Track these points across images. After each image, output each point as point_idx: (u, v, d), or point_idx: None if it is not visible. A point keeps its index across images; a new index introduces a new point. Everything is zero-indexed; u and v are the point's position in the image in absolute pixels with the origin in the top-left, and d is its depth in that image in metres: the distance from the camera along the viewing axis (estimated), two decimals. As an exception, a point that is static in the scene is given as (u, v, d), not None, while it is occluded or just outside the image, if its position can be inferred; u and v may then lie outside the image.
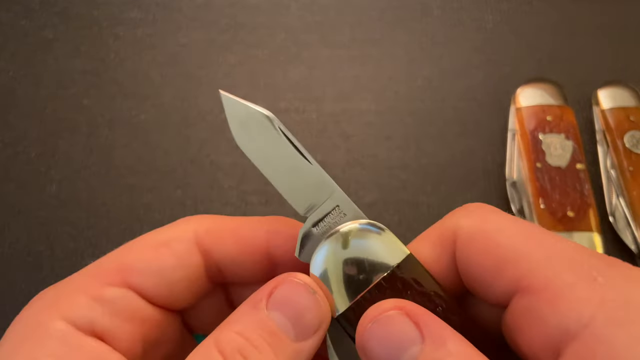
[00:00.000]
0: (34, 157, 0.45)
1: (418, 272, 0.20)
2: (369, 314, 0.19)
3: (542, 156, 0.42)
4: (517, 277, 0.18)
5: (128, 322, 0.20)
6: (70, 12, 0.52)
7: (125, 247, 0.22)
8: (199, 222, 0.22)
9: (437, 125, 0.47)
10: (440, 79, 0.49)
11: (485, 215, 0.20)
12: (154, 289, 0.21)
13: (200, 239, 0.22)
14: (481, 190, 0.44)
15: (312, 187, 0.21)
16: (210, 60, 0.50)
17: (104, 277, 0.20)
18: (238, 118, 0.21)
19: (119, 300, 0.20)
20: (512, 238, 0.19)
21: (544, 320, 0.17)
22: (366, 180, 0.44)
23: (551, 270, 0.17)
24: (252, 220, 0.23)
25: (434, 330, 0.18)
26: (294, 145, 0.21)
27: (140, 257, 0.21)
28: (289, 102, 0.47)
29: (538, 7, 0.53)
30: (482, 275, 0.19)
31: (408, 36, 0.51)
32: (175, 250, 0.21)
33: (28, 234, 0.42)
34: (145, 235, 0.22)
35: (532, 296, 0.18)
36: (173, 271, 0.21)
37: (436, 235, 0.21)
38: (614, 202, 0.42)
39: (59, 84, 0.48)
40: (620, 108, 0.45)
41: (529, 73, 0.49)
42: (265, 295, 0.20)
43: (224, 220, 0.23)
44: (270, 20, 0.52)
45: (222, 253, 0.22)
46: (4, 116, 0.47)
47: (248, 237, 0.22)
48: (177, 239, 0.22)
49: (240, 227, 0.22)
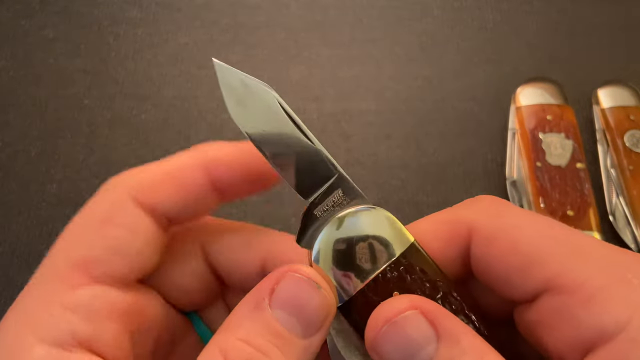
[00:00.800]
0: (34, 156, 0.45)
1: (422, 259, 0.20)
2: (382, 315, 0.19)
3: (542, 155, 0.42)
4: (546, 278, 0.18)
5: (108, 320, 0.19)
6: (70, 12, 0.52)
7: (70, 237, 0.20)
8: (126, 182, 0.21)
9: (437, 124, 0.47)
10: (440, 78, 0.49)
11: (501, 211, 0.20)
12: (120, 271, 0.20)
13: (137, 198, 0.20)
14: (481, 189, 0.44)
15: (314, 169, 0.20)
16: (210, 60, 0.49)
17: (68, 280, 0.19)
18: (234, 89, 0.20)
19: (93, 301, 0.19)
20: (536, 236, 0.19)
21: (577, 321, 0.17)
22: (366, 179, 0.44)
23: (583, 271, 0.17)
24: (181, 157, 0.21)
25: (448, 328, 0.18)
26: (295, 122, 0.20)
27: (92, 245, 0.20)
28: (289, 101, 0.47)
29: (538, 7, 0.53)
30: (505, 274, 0.19)
31: (408, 36, 0.51)
32: (121, 222, 0.20)
33: (28, 233, 0.42)
34: (82, 217, 0.20)
35: (564, 296, 0.18)
36: (129, 244, 0.20)
37: (445, 227, 0.21)
38: (614, 201, 0.42)
39: (59, 83, 0.48)
40: (620, 107, 0.45)
41: (529, 72, 0.49)
42: (267, 293, 0.19)
43: (152, 170, 0.21)
44: (270, 20, 0.52)
45: (165, 202, 0.21)
46: (4, 115, 0.47)
47: (184, 176, 0.21)
48: (116, 209, 0.20)
49: (172, 169, 0.21)
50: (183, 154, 0.21)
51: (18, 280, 0.40)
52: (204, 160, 0.21)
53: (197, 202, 0.21)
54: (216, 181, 0.21)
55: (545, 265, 0.18)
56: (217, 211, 0.24)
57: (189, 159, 0.21)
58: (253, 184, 0.22)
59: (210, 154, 0.21)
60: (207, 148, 0.21)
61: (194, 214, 0.22)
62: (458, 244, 0.20)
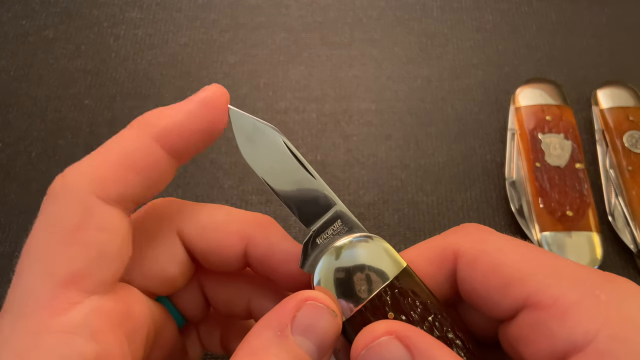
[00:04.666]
0: (34, 156, 0.45)
1: (414, 283, 0.21)
2: (361, 341, 0.20)
3: (541, 156, 0.42)
4: (524, 295, 0.20)
5: (110, 332, 0.19)
6: (71, 12, 0.52)
7: (43, 254, 0.19)
8: (82, 180, 0.19)
9: (436, 125, 0.47)
10: (440, 79, 0.49)
11: (484, 237, 0.22)
12: (108, 275, 0.19)
13: (102, 194, 0.19)
14: (480, 189, 0.44)
15: (315, 201, 0.22)
16: (210, 60, 0.50)
17: (57, 303, 0.18)
18: (245, 132, 0.22)
19: (90, 317, 0.18)
20: (515, 258, 0.20)
21: (552, 334, 0.19)
22: (366, 179, 0.44)
23: (557, 288, 0.19)
24: (128, 137, 0.21)
25: (423, 350, 0.19)
26: (299, 160, 0.22)
27: (73, 257, 0.18)
28: (289, 101, 0.48)
29: (538, 7, 0.53)
30: (487, 293, 0.21)
31: (408, 36, 0.51)
32: (95, 224, 0.19)
33: (28, 233, 0.42)
34: (46, 228, 0.19)
35: (540, 312, 0.19)
36: (110, 245, 0.19)
37: (434, 252, 0.22)
38: (613, 202, 0.42)
39: (60, 83, 0.48)
40: (619, 108, 0.45)
41: (529, 73, 0.49)
42: (289, 320, 0.20)
43: (104, 160, 0.20)
44: (270, 20, 0.52)
45: (130, 189, 0.20)
46: (5, 116, 0.47)
47: (141, 157, 0.20)
48: (86, 212, 0.19)
49: (126, 153, 0.20)
50: (127, 133, 0.21)
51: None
52: (154, 133, 0.20)
53: (160, 177, 0.21)
54: (171, 150, 0.21)
55: (524, 284, 0.20)
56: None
57: (136, 137, 0.20)
58: (206, 139, 0.22)
59: (157, 124, 0.20)
60: (151, 120, 0.21)
61: (159, 188, 0.21)
62: (446, 267, 0.22)
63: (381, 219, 0.43)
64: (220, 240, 0.23)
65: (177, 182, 0.44)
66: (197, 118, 0.21)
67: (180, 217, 0.23)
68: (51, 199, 0.20)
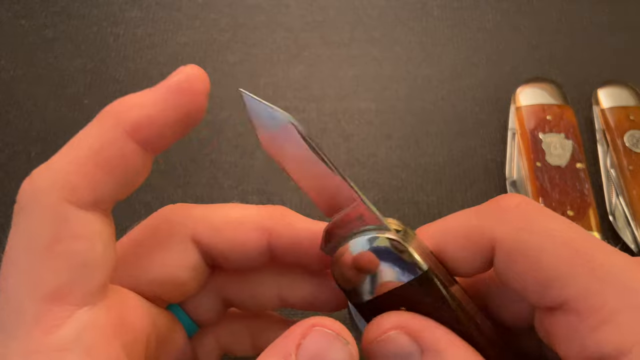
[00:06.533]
0: (34, 156, 0.45)
1: (434, 284, 0.21)
2: (370, 334, 0.20)
3: (542, 155, 0.42)
4: (562, 300, 0.19)
5: (105, 345, 0.18)
6: (70, 11, 0.52)
7: (22, 269, 0.17)
8: (51, 186, 0.18)
9: (437, 124, 0.47)
10: (440, 78, 0.49)
11: (524, 224, 0.20)
12: (95, 284, 0.18)
13: (74, 199, 0.18)
14: (481, 189, 0.44)
15: (336, 193, 0.21)
16: (210, 60, 0.50)
17: (46, 320, 0.17)
18: (261, 119, 0.20)
19: (83, 332, 0.17)
20: (557, 256, 0.19)
21: (583, 343, 0.18)
22: (366, 179, 0.44)
23: (598, 298, 0.18)
24: (96, 131, 0.19)
25: (432, 342, 0.19)
26: (317, 152, 0.21)
27: (55, 270, 0.17)
28: (289, 101, 0.47)
29: (538, 6, 0.53)
30: (524, 288, 0.20)
31: (408, 36, 0.51)
32: (73, 233, 0.18)
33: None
34: (22, 241, 0.18)
35: (576, 318, 0.18)
36: (92, 252, 0.18)
37: (469, 238, 0.21)
38: (614, 202, 0.42)
39: (59, 83, 0.48)
40: (620, 107, 0.45)
41: (529, 72, 0.49)
42: (294, 347, 0.18)
43: (72, 161, 0.19)
44: (270, 20, 0.52)
45: (105, 190, 0.19)
46: (4, 115, 0.47)
47: (112, 155, 0.19)
48: (61, 221, 0.18)
49: (96, 151, 0.19)
50: (95, 128, 0.19)
51: None
52: (124, 127, 0.19)
53: (135, 172, 0.19)
54: (144, 143, 0.19)
55: (563, 288, 0.18)
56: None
57: (106, 132, 0.19)
58: (183, 127, 0.20)
59: (128, 116, 0.19)
60: (120, 111, 0.19)
61: (137, 184, 0.20)
62: (482, 255, 0.21)
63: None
64: (240, 238, 0.22)
65: (176, 182, 0.44)
66: (172, 107, 0.19)
67: (193, 221, 0.23)
68: (22, 209, 0.18)
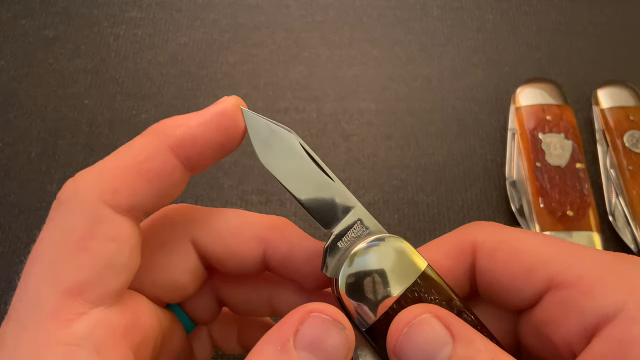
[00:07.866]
0: (34, 156, 0.45)
1: (436, 281, 0.21)
2: (401, 320, 0.20)
3: (541, 155, 0.42)
4: (548, 277, 0.20)
5: (115, 345, 0.18)
6: (70, 12, 0.52)
7: (50, 262, 0.18)
8: (93, 187, 0.19)
9: (436, 124, 0.47)
10: (440, 78, 0.49)
11: (500, 229, 0.22)
12: (115, 286, 0.19)
13: (112, 202, 0.19)
14: (481, 189, 0.44)
15: (335, 204, 0.22)
16: (210, 60, 0.50)
17: (63, 313, 0.18)
18: (261, 135, 0.21)
19: (96, 330, 0.18)
20: (535, 244, 0.21)
21: (581, 309, 0.19)
22: (366, 179, 0.44)
23: (580, 268, 0.20)
24: (142, 145, 0.20)
25: (462, 331, 0.20)
26: (316, 162, 0.21)
27: (80, 266, 0.18)
28: (289, 101, 0.48)
29: (538, 7, 0.53)
30: (510, 281, 0.21)
31: (408, 36, 0.51)
32: (103, 233, 0.19)
33: (28, 233, 0.42)
34: (54, 236, 0.19)
35: (567, 290, 0.20)
36: (118, 255, 0.19)
37: (451, 246, 0.23)
38: (614, 202, 0.42)
39: (60, 83, 0.48)
40: (619, 107, 0.45)
41: (529, 72, 0.49)
42: (291, 333, 0.19)
43: (117, 167, 0.20)
44: (270, 20, 0.52)
45: (142, 198, 0.19)
46: (5, 115, 0.47)
47: (154, 166, 0.20)
48: (94, 220, 0.18)
49: (139, 161, 0.20)
50: (141, 141, 0.20)
51: (18, 281, 0.40)
52: (169, 142, 0.20)
53: (173, 187, 0.20)
54: (185, 160, 0.20)
55: (547, 267, 0.20)
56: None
57: (151, 145, 0.20)
58: (221, 151, 0.21)
59: (174, 133, 0.20)
60: (167, 128, 0.20)
61: (171, 199, 0.21)
62: (464, 261, 0.22)
63: (381, 219, 0.43)
64: (238, 246, 0.22)
65: (177, 182, 0.44)
66: (215, 129, 0.20)
67: (194, 223, 0.23)
68: (61, 205, 0.19)
